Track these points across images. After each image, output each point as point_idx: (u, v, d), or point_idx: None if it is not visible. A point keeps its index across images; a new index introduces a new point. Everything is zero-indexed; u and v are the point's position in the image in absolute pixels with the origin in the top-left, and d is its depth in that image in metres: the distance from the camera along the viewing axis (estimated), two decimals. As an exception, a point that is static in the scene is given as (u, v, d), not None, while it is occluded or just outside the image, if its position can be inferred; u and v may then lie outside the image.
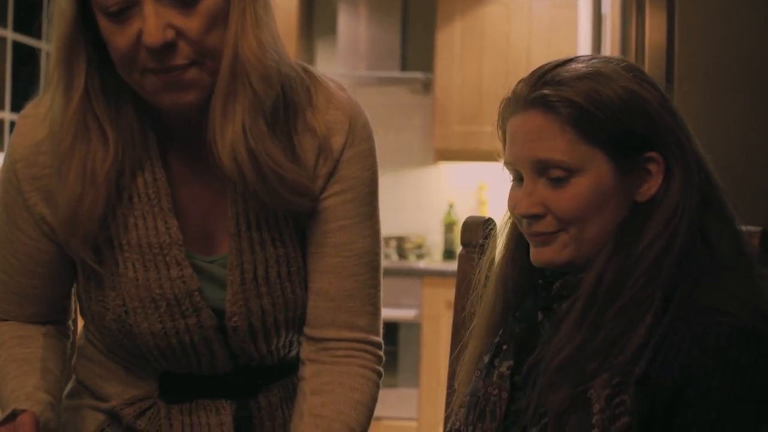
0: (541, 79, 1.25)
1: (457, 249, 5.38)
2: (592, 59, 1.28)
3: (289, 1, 4.91)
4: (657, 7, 1.95)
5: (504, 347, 1.31)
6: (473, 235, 1.55)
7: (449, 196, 5.25)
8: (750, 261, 1.24)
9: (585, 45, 3.83)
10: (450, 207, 5.19)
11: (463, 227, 1.57)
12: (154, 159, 1.36)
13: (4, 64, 4.34)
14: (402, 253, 5.10)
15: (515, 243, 1.34)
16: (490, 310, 1.36)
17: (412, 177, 5.32)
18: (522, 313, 1.32)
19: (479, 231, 1.54)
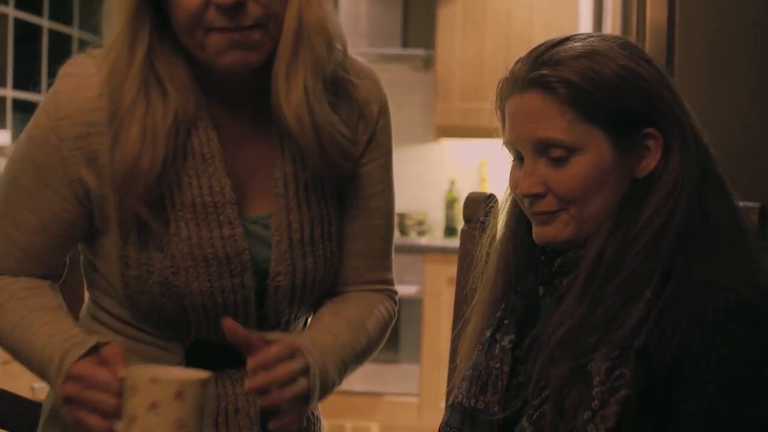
0: (539, 59, 1.25)
1: (459, 225, 5.36)
2: (588, 38, 1.28)
3: (290, -22, 4.89)
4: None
5: (505, 322, 1.32)
6: (475, 211, 1.56)
7: (451, 172, 5.26)
8: (748, 236, 1.25)
9: (586, 20, 3.83)
10: (451, 184, 5.20)
11: (466, 203, 1.59)
12: (206, 119, 1.40)
13: (5, 41, 4.33)
14: (403, 230, 5.12)
15: (516, 220, 1.35)
16: (491, 286, 1.38)
17: (413, 154, 5.33)
18: (523, 289, 1.33)
19: (481, 207, 1.55)
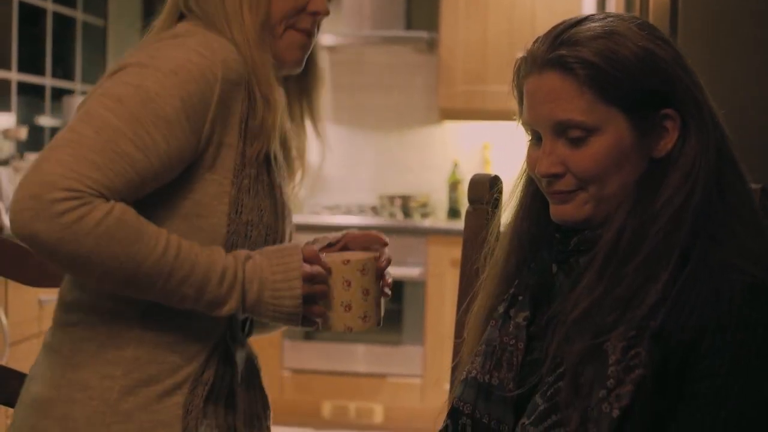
0: (558, 39, 1.25)
1: (462, 208, 5.36)
2: (607, 18, 1.28)
3: (294, -40, 4.87)
4: (663, -36, 1.95)
5: (520, 298, 1.33)
6: (480, 192, 1.57)
7: (454, 155, 5.25)
8: (759, 217, 1.26)
9: (589, 3, 3.83)
10: (455, 166, 5.19)
11: (470, 184, 1.59)
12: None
13: (9, 24, 4.32)
14: (407, 212, 5.12)
15: (531, 198, 1.36)
16: (503, 262, 1.39)
17: (416, 136, 5.33)
18: (537, 266, 1.34)
19: (486, 188, 1.56)
